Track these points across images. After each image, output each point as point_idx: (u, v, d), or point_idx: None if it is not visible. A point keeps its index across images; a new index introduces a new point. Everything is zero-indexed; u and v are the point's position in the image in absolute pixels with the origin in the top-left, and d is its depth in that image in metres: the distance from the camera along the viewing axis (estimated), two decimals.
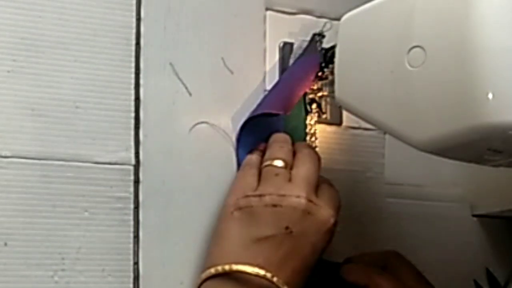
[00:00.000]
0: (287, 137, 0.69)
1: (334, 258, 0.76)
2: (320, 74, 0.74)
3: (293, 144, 0.69)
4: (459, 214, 0.86)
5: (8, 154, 0.63)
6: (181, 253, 0.69)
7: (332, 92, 0.70)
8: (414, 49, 0.59)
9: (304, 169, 0.65)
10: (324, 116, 0.76)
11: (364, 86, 0.63)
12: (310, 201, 0.63)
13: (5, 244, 0.63)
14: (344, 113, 0.77)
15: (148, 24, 0.69)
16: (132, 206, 0.67)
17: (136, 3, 0.69)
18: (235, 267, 0.61)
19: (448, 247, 0.84)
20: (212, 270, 0.63)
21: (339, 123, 0.78)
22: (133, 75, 0.68)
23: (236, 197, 0.64)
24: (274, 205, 0.62)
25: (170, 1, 0.70)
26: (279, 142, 0.68)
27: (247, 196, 0.64)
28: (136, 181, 0.67)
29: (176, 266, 0.68)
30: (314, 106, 0.75)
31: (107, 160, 0.67)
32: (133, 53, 0.68)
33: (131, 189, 0.67)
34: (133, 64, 0.68)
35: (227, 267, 0.62)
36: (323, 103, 0.75)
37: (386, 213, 0.81)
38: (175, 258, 0.68)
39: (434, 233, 0.83)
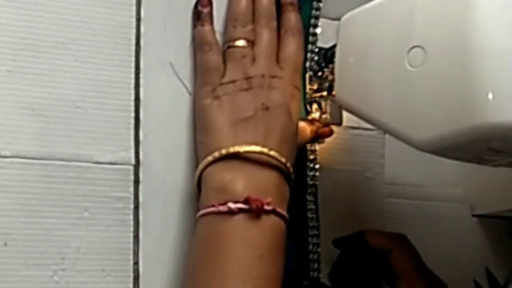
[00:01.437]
0: (246, 12, 0.70)
1: (333, 258, 0.76)
2: (320, 74, 0.74)
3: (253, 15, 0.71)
4: (459, 214, 0.86)
5: (8, 154, 0.63)
6: (181, 253, 0.69)
7: (332, 92, 0.70)
8: (414, 49, 0.59)
9: (262, 45, 0.69)
10: (324, 116, 0.76)
11: (364, 86, 0.63)
12: (273, 76, 0.68)
13: (5, 244, 0.63)
14: (344, 113, 0.77)
15: (148, 24, 0.69)
16: (132, 206, 0.67)
17: (136, 3, 0.69)
18: (232, 149, 0.64)
19: (448, 247, 0.84)
20: (210, 158, 0.65)
21: (339, 123, 0.78)
22: (133, 75, 0.68)
23: (209, 87, 0.67)
24: (246, 89, 0.66)
25: (170, 1, 0.70)
26: (240, 21, 0.70)
27: (221, 84, 0.67)
28: (136, 181, 0.67)
29: (176, 266, 0.68)
30: (314, 106, 0.75)
31: (107, 160, 0.67)
32: (133, 53, 0.68)
33: (131, 189, 0.67)
34: (133, 64, 0.68)
35: (224, 151, 0.65)
36: (323, 103, 0.75)
37: (386, 213, 0.81)
38: (175, 258, 0.68)
39: (434, 233, 0.83)
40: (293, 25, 0.71)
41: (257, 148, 0.65)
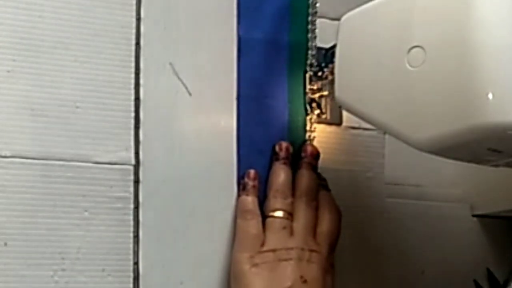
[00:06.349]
0: (286, 185, 0.71)
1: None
2: (320, 74, 0.74)
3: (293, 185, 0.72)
4: (459, 214, 0.86)
5: (8, 154, 0.63)
6: (181, 253, 0.69)
7: (332, 92, 0.70)
8: (414, 49, 0.59)
9: (302, 221, 0.70)
10: (324, 116, 0.76)
11: (364, 86, 0.63)
12: (311, 251, 0.69)
13: (5, 244, 0.63)
14: (344, 113, 0.77)
15: (148, 24, 0.69)
16: (132, 206, 0.67)
17: (136, 3, 0.69)
18: None
19: (448, 247, 0.84)
20: None
21: (339, 123, 0.78)
22: (133, 75, 0.68)
23: (248, 254, 0.69)
24: (286, 259, 0.68)
25: (170, 1, 0.70)
26: (281, 192, 0.71)
27: (261, 252, 0.68)
28: (136, 181, 0.67)
29: (176, 266, 0.68)
30: (314, 106, 0.75)
31: (107, 160, 0.67)
32: (133, 53, 0.69)
33: (131, 189, 0.67)
34: (133, 64, 0.68)
35: None
36: (323, 103, 0.75)
37: (386, 213, 0.81)
38: (175, 258, 0.68)
39: (434, 233, 0.83)
40: (331, 202, 0.73)
41: None
